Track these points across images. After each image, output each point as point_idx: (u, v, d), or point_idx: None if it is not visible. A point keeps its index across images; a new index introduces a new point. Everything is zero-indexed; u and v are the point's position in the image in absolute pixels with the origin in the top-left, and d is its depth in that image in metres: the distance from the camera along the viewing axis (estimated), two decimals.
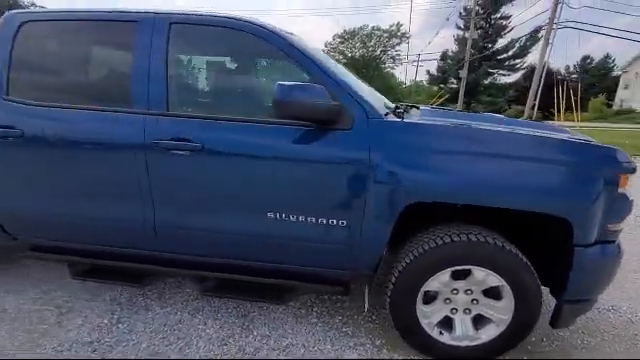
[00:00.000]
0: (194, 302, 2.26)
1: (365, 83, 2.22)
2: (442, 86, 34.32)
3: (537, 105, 16.38)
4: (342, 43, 35.06)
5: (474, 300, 1.75)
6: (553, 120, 18.70)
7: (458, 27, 32.41)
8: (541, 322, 1.78)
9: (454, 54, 33.10)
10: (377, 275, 1.86)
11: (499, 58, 32.43)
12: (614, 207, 1.57)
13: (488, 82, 33.43)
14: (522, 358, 1.88)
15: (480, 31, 31.27)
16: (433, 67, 36.02)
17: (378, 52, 35.02)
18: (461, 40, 31.68)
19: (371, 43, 34.36)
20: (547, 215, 1.54)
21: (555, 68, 30.83)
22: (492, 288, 1.70)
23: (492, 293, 1.72)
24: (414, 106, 2.38)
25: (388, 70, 36.66)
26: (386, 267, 1.84)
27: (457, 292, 1.74)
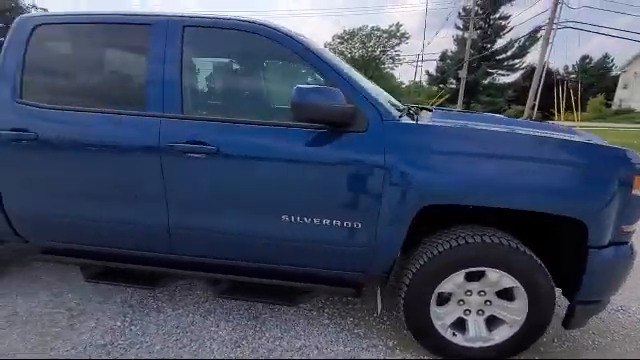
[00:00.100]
0: (205, 304, 2.27)
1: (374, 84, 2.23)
2: (441, 86, 34.36)
3: (537, 105, 16.41)
4: (342, 44, 35.10)
5: (487, 301, 1.76)
6: (553, 120, 18.75)
7: (457, 27, 32.51)
8: (552, 322, 1.79)
9: (453, 54, 33.15)
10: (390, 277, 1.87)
11: (498, 58, 32.49)
12: (628, 208, 1.58)
13: (487, 82, 33.48)
14: (534, 358, 1.89)
15: (479, 31, 31.34)
16: (432, 67, 36.14)
17: (378, 52, 35.07)
18: (460, 40, 31.73)
19: (371, 43, 34.40)
20: (562, 217, 1.55)
21: (554, 68, 30.97)
22: (505, 289, 1.71)
23: (505, 294, 1.73)
24: (425, 108, 2.39)
25: (387, 70, 36.72)
26: (397, 269, 1.85)
27: (470, 293, 1.75)
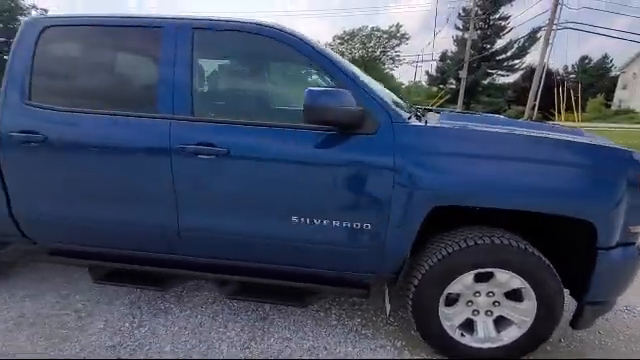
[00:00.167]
0: (213, 305, 2.27)
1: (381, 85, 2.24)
2: (441, 87, 34.39)
3: (537, 105, 16.45)
4: (342, 44, 35.11)
5: (496, 302, 1.77)
6: (553, 120, 18.79)
7: (457, 28, 32.55)
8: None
9: (453, 55, 33.19)
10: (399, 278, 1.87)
11: (498, 59, 32.51)
12: (636, 209, 1.59)
13: (487, 83, 33.51)
14: (541, 358, 1.90)
15: (479, 32, 31.38)
16: (432, 68, 36.15)
17: (378, 53, 35.11)
18: (460, 41, 31.77)
19: (371, 44, 34.44)
20: (570, 218, 1.56)
21: (554, 69, 31.00)
22: (514, 290, 1.72)
23: (514, 295, 1.74)
24: (433, 109, 2.40)
25: (387, 71, 36.74)
26: (406, 270, 1.86)
27: (479, 294, 1.76)
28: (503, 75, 33.75)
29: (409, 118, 1.74)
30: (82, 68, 1.94)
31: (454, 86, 31.83)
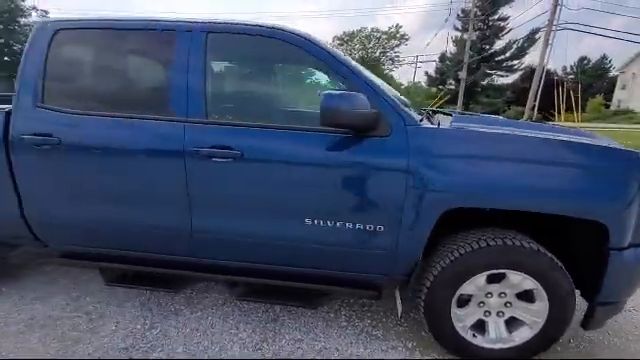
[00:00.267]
0: (223, 306, 2.28)
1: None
2: (441, 87, 34.47)
3: (537, 106, 16.50)
4: (341, 45, 35.19)
5: (507, 303, 1.78)
6: (553, 121, 18.83)
7: (456, 28, 32.63)
8: None
9: (452, 55, 33.26)
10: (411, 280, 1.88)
11: (497, 59, 32.61)
12: None
13: (486, 83, 33.60)
14: (551, 359, 1.91)
15: (478, 33, 31.45)
16: (431, 68, 36.24)
17: (377, 54, 35.21)
18: (459, 41, 31.85)
19: (370, 45, 34.54)
20: (584, 220, 1.58)
21: (553, 69, 31.11)
22: (526, 291, 1.73)
23: (525, 296, 1.75)
24: (444, 112, 2.41)
25: (387, 72, 36.81)
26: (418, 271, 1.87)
27: (491, 295, 1.77)
28: (502, 76, 33.88)
29: (421, 120, 1.75)
30: (95, 71, 1.95)
31: (453, 87, 31.89)
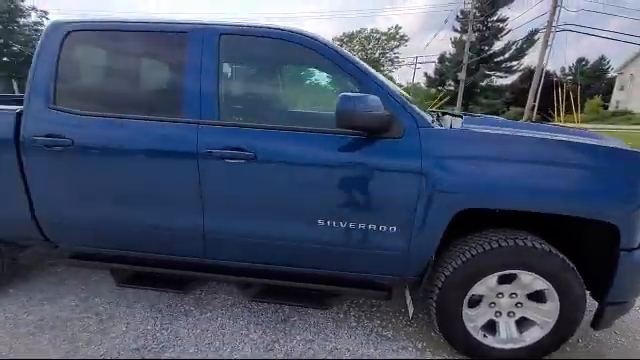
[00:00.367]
0: (232, 307, 2.28)
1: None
2: (440, 88, 34.54)
3: (537, 107, 16.56)
4: (341, 46, 35.19)
5: (518, 303, 1.79)
6: (552, 121, 18.90)
7: (455, 30, 32.71)
8: None
9: (452, 56, 33.34)
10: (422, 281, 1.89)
11: (496, 60, 32.69)
12: None
13: (485, 84, 33.67)
14: (560, 359, 1.92)
15: (477, 34, 31.53)
16: (430, 69, 36.31)
17: (377, 55, 35.28)
18: (458, 43, 31.93)
19: (370, 46, 34.61)
20: (595, 221, 1.59)
21: (551, 70, 31.22)
22: (537, 292, 1.74)
23: (536, 296, 1.76)
24: (455, 114, 2.43)
25: (387, 73, 36.87)
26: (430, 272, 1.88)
27: (502, 296, 1.78)
28: (501, 77, 33.95)
29: (433, 122, 1.76)
30: (107, 72, 1.96)
31: (452, 88, 31.96)
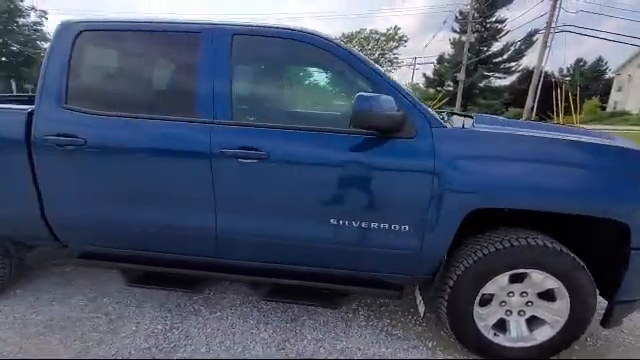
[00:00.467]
0: (241, 307, 2.29)
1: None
2: (439, 89, 34.60)
3: (536, 107, 16.63)
4: None
5: (529, 302, 1.80)
6: (552, 122, 18.95)
7: (454, 31, 32.79)
8: None
9: (450, 57, 33.42)
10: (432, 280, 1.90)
11: (495, 61, 32.79)
12: None
13: (483, 85, 33.76)
14: (570, 358, 1.93)
15: (476, 34, 31.61)
16: (429, 70, 36.38)
17: (376, 55, 35.32)
18: (457, 43, 32.01)
19: (369, 47, 34.65)
20: (607, 220, 1.60)
21: (550, 71, 31.31)
22: (547, 290, 1.75)
23: (546, 295, 1.77)
24: (465, 114, 2.45)
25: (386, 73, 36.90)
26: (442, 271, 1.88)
27: (513, 295, 1.79)
28: (499, 78, 34.03)
29: (445, 121, 1.77)
30: (120, 72, 1.96)
31: (451, 88, 32.02)
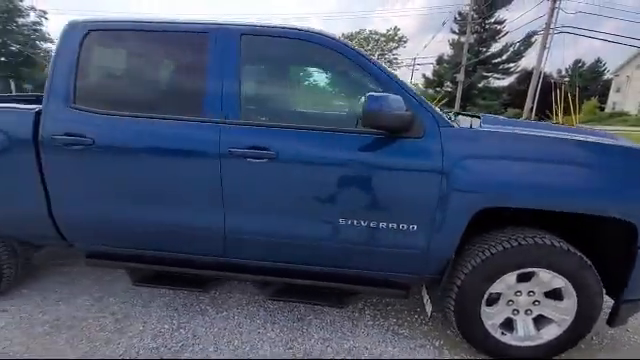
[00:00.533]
0: (247, 306, 2.29)
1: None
2: (438, 89, 34.65)
3: (535, 108, 16.68)
4: None
5: (536, 301, 1.81)
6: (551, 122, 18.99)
7: (453, 31, 32.84)
8: None
9: (450, 58, 33.47)
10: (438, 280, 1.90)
11: (494, 62, 32.85)
12: None
13: (482, 86, 33.81)
14: (576, 358, 1.94)
15: (475, 35, 31.67)
16: (429, 71, 36.44)
17: (376, 56, 35.41)
18: (456, 44, 32.07)
19: (369, 47, 34.72)
20: (614, 219, 1.61)
21: (548, 72, 31.39)
22: (554, 290, 1.76)
23: (553, 294, 1.78)
24: (472, 114, 2.46)
25: None
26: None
27: (520, 294, 1.80)
28: (498, 78, 34.09)
29: (453, 121, 1.78)
30: (127, 72, 1.96)
31: (450, 89, 32.07)
